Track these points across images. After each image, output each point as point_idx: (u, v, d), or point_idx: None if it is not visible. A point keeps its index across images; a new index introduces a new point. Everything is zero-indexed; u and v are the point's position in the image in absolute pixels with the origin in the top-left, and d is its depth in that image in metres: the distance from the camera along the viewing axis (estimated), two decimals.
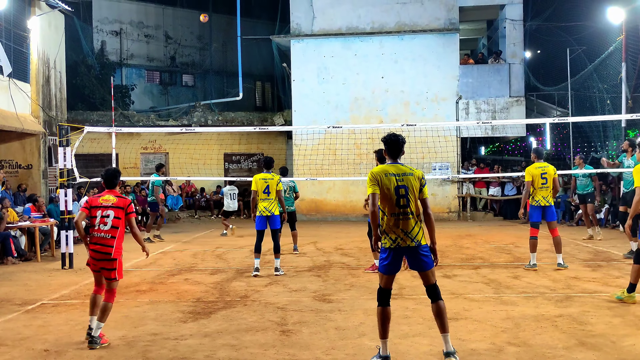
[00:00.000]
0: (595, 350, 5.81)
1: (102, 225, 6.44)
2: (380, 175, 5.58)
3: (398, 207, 5.54)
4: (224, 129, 21.83)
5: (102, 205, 6.51)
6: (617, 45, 17.69)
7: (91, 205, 6.57)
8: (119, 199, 6.58)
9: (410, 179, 5.59)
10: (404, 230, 5.52)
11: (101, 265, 6.44)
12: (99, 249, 6.41)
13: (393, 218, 5.54)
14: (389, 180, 5.55)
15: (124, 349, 6.16)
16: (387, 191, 5.54)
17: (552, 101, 23.41)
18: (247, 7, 26.43)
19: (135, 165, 24.29)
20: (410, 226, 5.54)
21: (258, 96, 30.41)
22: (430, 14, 21.80)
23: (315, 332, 6.63)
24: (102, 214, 6.47)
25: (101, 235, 6.42)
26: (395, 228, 5.53)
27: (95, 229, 6.47)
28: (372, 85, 21.89)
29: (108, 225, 6.42)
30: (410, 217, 5.54)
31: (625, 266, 10.60)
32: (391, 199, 5.54)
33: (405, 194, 5.54)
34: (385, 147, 5.80)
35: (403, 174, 5.60)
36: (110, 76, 23.76)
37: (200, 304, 8.12)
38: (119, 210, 6.49)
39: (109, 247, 6.40)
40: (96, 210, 6.50)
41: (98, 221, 6.46)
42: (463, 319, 7.07)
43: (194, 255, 13.03)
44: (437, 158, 19.71)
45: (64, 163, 11.60)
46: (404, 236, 5.52)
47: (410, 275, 10.02)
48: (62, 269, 11.42)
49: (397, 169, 5.62)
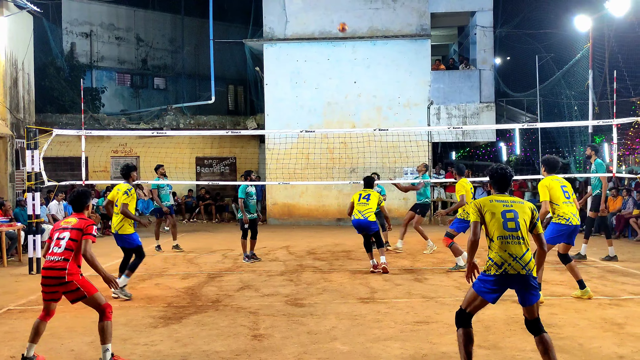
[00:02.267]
0: (563, 352, 5.91)
1: (55, 248, 5.83)
2: (485, 202, 5.31)
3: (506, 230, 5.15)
4: (196, 133, 21.70)
5: (61, 227, 5.97)
6: (584, 52, 18.05)
7: (54, 229, 6.05)
8: (80, 220, 5.98)
9: (520, 206, 5.26)
10: (513, 255, 5.08)
11: (61, 290, 5.80)
12: (50, 275, 5.77)
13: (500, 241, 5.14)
14: (494, 205, 5.24)
15: (93, 355, 6.08)
16: (492, 215, 5.20)
17: (522, 107, 23.78)
18: (220, 11, 26.32)
19: (105, 169, 24.00)
20: (522, 251, 5.10)
21: (231, 100, 30.29)
22: (402, 20, 21.97)
23: (287, 337, 6.63)
24: (59, 235, 5.89)
25: (53, 258, 5.79)
26: (501, 252, 5.10)
27: (48, 252, 5.88)
28: (345, 90, 21.97)
29: (62, 247, 5.81)
30: (522, 243, 5.12)
31: (592, 269, 10.81)
32: (498, 221, 5.18)
33: (514, 217, 5.18)
34: (490, 181, 5.45)
35: (512, 201, 5.29)
36: (80, 78, 23.44)
37: (171, 309, 8.06)
38: (76, 232, 5.88)
39: (61, 270, 5.75)
40: (54, 233, 5.96)
41: (53, 244, 5.88)
42: (434, 323, 7.13)
43: (165, 260, 12.92)
44: (409, 162, 19.81)
45: (32, 166, 11.42)
46: (513, 262, 5.06)
47: (382, 279, 10.08)
48: (29, 274, 11.23)
49: (505, 197, 5.33)
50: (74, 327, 7.17)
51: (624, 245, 14.35)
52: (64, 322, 7.37)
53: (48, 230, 15.14)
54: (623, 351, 5.93)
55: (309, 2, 22.12)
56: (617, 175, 14.19)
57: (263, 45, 22.27)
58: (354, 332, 6.76)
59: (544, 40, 22.01)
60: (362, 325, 7.06)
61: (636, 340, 6.27)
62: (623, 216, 15.83)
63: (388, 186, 16.19)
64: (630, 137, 19.13)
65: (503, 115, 23.39)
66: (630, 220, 15.43)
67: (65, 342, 6.56)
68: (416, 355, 5.90)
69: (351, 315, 7.54)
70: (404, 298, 8.58)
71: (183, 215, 23.18)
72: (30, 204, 11.40)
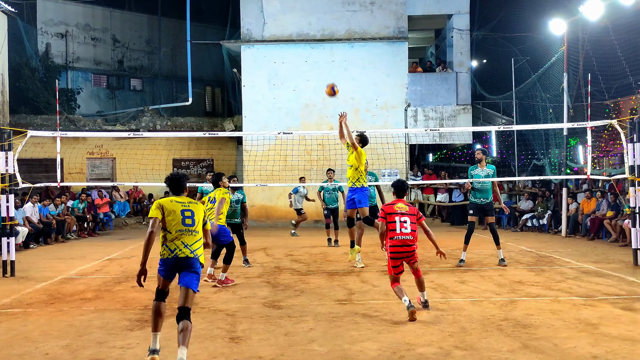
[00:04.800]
0: (538, 352, 5.97)
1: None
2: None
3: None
4: (173, 134, 21.55)
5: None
6: (559, 56, 18.25)
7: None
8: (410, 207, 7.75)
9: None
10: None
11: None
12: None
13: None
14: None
15: (68, 358, 6.01)
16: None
17: (498, 109, 23.98)
18: (197, 12, 26.19)
19: (81, 170, 23.73)
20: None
21: (208, 101, 30.14)
22: (379, 22, 22.07)
23: (264, 339, 6.61)
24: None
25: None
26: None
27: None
28: (322, 92, 21.75)
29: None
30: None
31: (567, 270, 10.94)
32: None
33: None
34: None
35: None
36: (55, 79, 23.15)
37: (147, 312, 7.98)
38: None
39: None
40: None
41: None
42: (411, 324, 7.16)
43: None
44: (387, 165, 19.88)
45: (6, 168, 11.26)
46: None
47: (360, 281, 10.10)
48: (3, 277, 11.06)
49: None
50: (48, 331, 7.08)
51: (598, 247, 14.55)
52: (37, 326, 7.27)
53: (22, 233, 15.01)
54: (597, 351, 6.01)
55: (286, 4, 22.13)
56: (591, 177, 14.37)
57: (240, 46, 22.22)
58: (331, 334, 6.77)
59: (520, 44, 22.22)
60: (340, 327, 7.07)
61: (610, 341, 6.36)
62: (598, 218, 16.05)
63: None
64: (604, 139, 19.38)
65: (479, 117, 23.59)
66: (605, 221, 15.64)
67: (39, 345, 6.47)
68: (393, 357, 5.92)
69: (329, 317, 7.55)
70: (381, 299, 8.61)
71: None
72: (4, 206, 11.22)
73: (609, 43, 17.27)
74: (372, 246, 14.12)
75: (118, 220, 22.06)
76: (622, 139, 11.73)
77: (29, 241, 15.74)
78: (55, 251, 15.25)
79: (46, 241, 16.75)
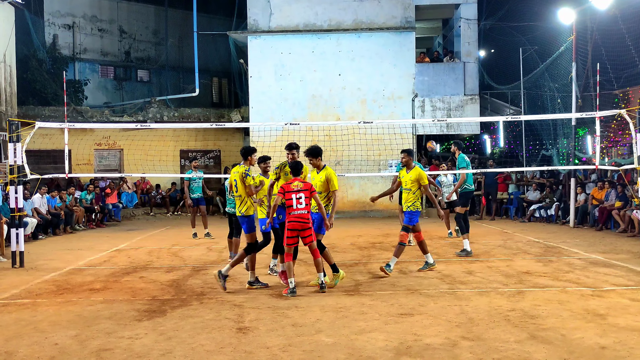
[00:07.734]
0: (545, 343, 5.97)
1: (299, 205, 8.37)
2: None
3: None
4: (180, 125, 21.57)
5: (294, 190, 8.43)
6: (567, 45, 18.12)
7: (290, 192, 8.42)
8: (305, 183, 8.53)
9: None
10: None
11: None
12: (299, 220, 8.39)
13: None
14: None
15: (77, 348, 6.05)
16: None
17: (505, 99, 23.88)
18: (203, 2, 26.15)
19: (88, 161, 23.82)
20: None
21: (215, 92, 30.15)
22: (386, 12, 21.97)
23: (272, 329, 6.63)
24: (297, 197, 8.38)
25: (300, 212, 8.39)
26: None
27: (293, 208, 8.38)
28: (329, 83, 21.95)
29: (302, 204, 8.38)
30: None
31: (575, 261, 10.90)
32: None
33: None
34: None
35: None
36: (62, 70, 23.21)
37: (155, 302, 8.03)
38: (308, 191, 8.52)
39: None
40: (291, 195, 8.40)
41: (295, 202, 8.36)
42: (418, 314, 7.16)
43: (150, 253, 12.87)
44: (394, 155, 19.83)
45: (14, 159, 11.30)
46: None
47: (366, 272, 10.11)
48: (12, 267, 11.14)
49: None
50: (57, 321, 7.12)
51: (606, 237, 14.49)
52: (47, 316, 7.32)
53: (31, 224, 15.09)
54: (605, 342, 5.99)
55: None
56: (599, 167, 14.29)
57: (247, 37, 22.18)
58: (338, 325, 6.78)
59: (528, 33, 22.11)
60: (347, 318, 7.08)
61: (618, 331, 6.34)
62: (606, 208, 15.98)
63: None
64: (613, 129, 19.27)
65: (487, 107, 23.50)
66: (613, 212, 15.57)
67: (49, 335, 6.51)
68: (400, 347, 5.92)
69: (336, 308, 7.56)
70: (388, 290, 8.61)
71: (167, 208, 23.08)
72: (13, 197, 11.28)
73: (618, 32, 17.14)
74: (379, 237, 14.11)
75: (126, 211, 22.13)
76: (631, 128, 11.66)
77: (38, 232, 15.83)
78: (63, 242, 15.32)
79: (55, 232, 16.83)
